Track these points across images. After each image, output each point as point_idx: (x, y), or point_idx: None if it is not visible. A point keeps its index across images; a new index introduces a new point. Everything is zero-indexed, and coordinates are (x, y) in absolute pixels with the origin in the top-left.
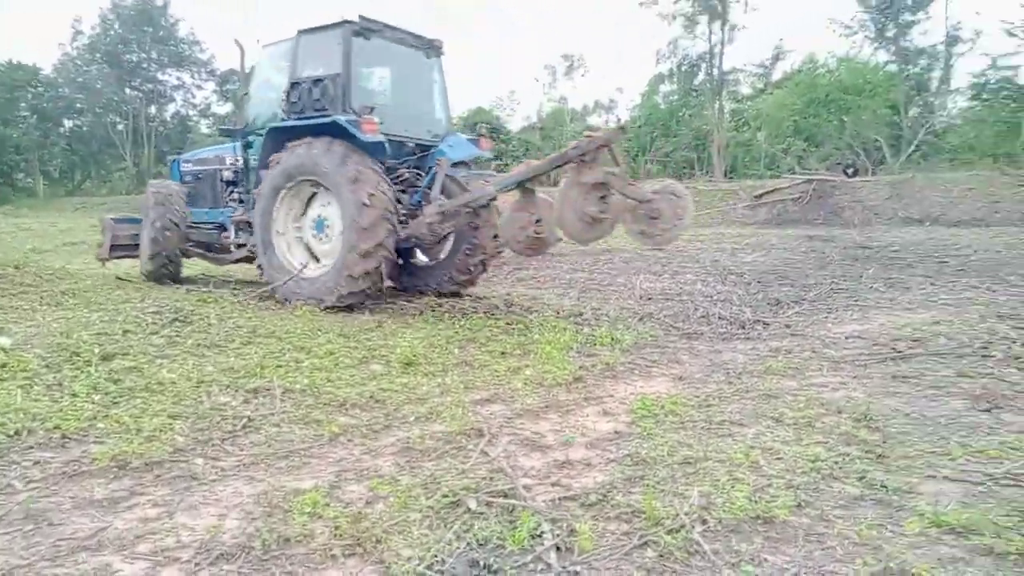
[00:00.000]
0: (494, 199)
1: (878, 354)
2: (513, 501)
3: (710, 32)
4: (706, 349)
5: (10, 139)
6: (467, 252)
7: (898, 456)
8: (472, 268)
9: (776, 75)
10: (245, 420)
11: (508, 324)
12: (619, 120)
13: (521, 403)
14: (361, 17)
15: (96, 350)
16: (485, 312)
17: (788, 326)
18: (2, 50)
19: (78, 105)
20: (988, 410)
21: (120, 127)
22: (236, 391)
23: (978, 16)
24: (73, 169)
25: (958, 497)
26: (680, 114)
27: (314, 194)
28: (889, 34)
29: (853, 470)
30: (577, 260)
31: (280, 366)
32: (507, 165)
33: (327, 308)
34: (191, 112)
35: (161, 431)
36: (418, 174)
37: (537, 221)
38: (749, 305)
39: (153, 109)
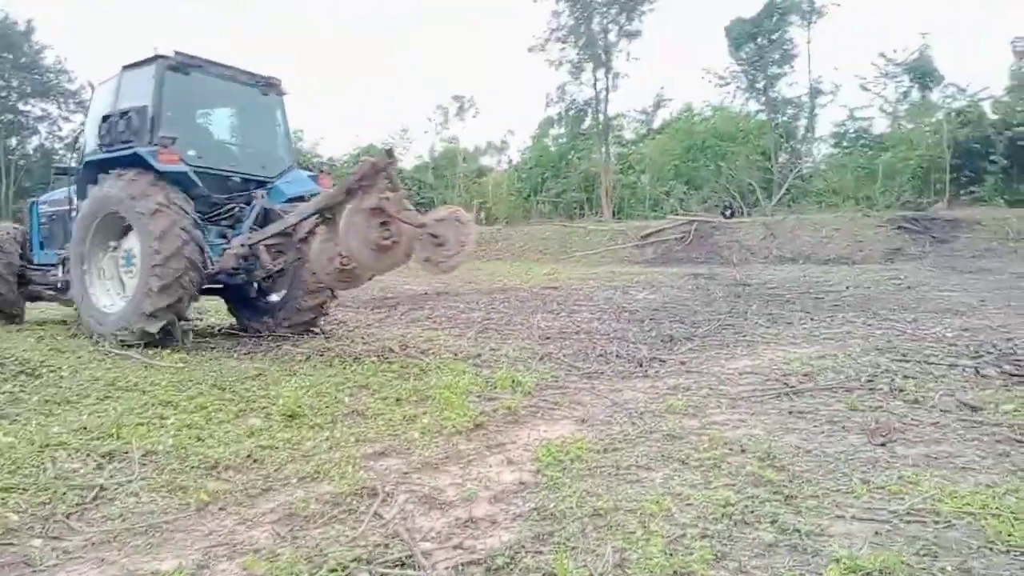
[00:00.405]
0: (310, 232)
1: (771, 389)
2: (411, 572)
3: (595, 79)
4: (607, 388)
5: None
6: (301, 288)
7: (806, 496)
8: (310, 304)
9: (657, 122)
10: (96, 490)
11: (403, 367)
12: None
13: (419, 455)
14: (177, 52)
15: None
16: (378, 355)
17: (683, 363)
18: None
19: None
20: (883, 444)
21: None
22: (87, 455)
23: (836, 71)
24: None
25: (868, 537)
26: (569, 156)
27: (129, 227)
28: (759, 85)
29: (764, 514)
30: (473, 299)
31: (141, 424)
32: None
33: (127, 344)
34: (57, 145)
35: None
36: (243, 209)
37: (342, 253)
38: (644, 343)
39: (14, 141)
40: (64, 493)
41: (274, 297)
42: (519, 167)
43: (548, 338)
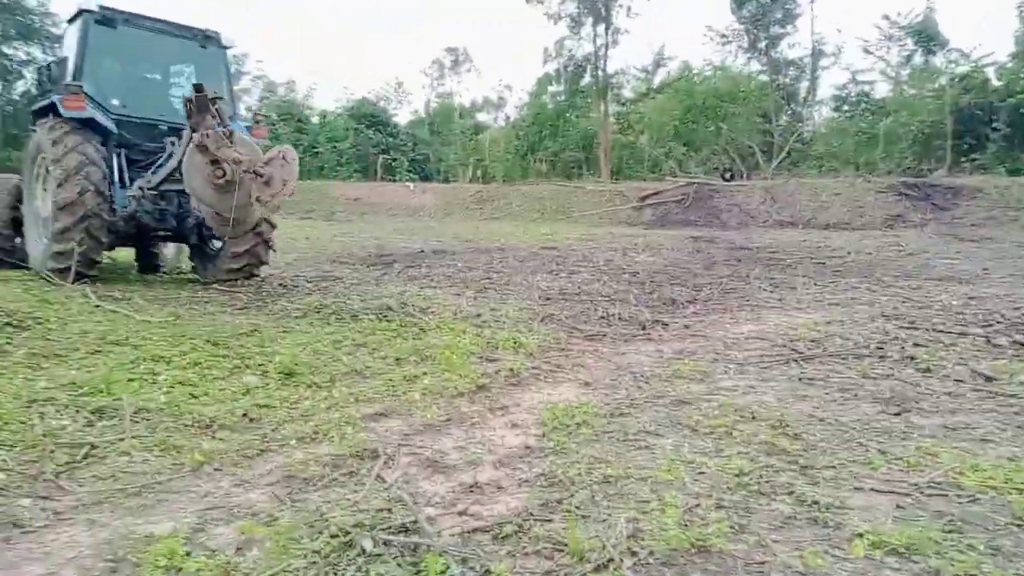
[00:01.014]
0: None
1: (779, 355)
2: (416, 539)
3: (595, 34)
4: (610, 352)
5: None
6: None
7: (822, 466)
8: (238, 250)
9: (657, 80)
10: (87, 448)
11: (402, 326)
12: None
13: (420, 417)
14: (102, 7)
15: None
16: (376, 313)
17: (687, 327)
18: None
19: None
20: (898, 413)
21: None
22: (77, 412)
23: (839, 33)
24: None
25: (890, 512)
26: (567, 114)
27: None
28: (760, 45)
29: (781, 484)
30: (471, 258)
31: (133, 380)
32: (395, 160)
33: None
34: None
35: None
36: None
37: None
38: (647, 305)
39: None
40: (53, 451)
41: (216, 244)
42: (516, 124)
43: (549, 299)
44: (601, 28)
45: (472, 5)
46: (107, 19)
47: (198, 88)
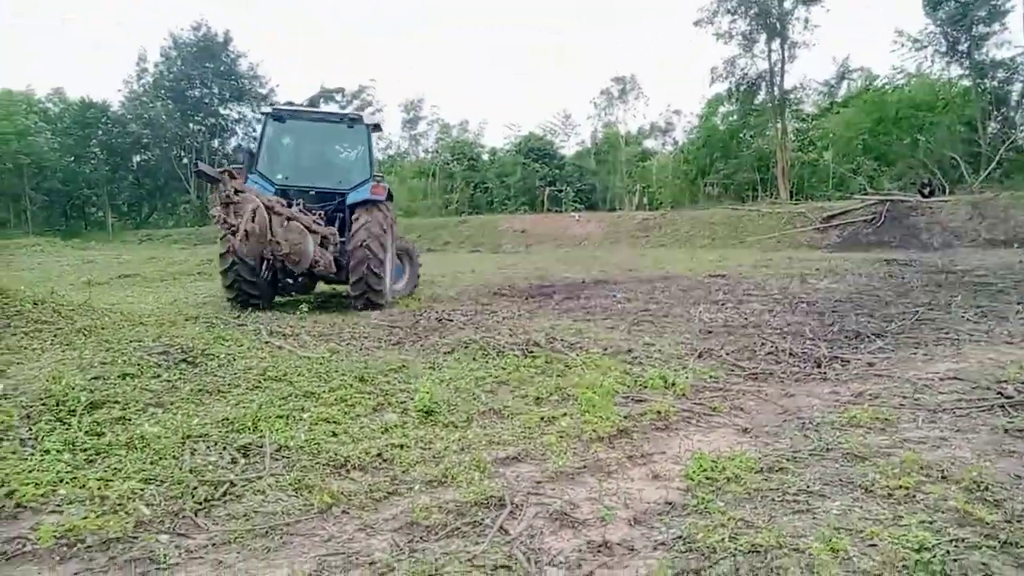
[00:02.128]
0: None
1: (983, 400)
2: None
3: (769, 51)
4: (776, 393)
5: (82, 175)
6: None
7: None
8: (356, 281)
9: (841, 93)
10: (226, 486)
11: (547, 363)
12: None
13: (553, 463)
14: (274, 107)
15: (83, 398)
16: (523, 349)
17: (871, 364)
18: (75, 88)
19: (144, 140)
20: None
21: (184, 161)
22: (224, 448)
23: None
24: (140, 203)
25: None
26: (741, 135)
27: None
28: (962, 47)
29: (973, 565)
30: (631, 288)
31: (281, 416)
32: (560, 191)
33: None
34: (252, 145)
35: (128, 499)
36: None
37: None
38: (824, 339)
39: (216, 143)
40: (195, 488)
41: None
42: (685, 148)
43: (710, 332)
44: (776, 44)
45: (637, 31)
46: (279, 115)
47: (197, 172)
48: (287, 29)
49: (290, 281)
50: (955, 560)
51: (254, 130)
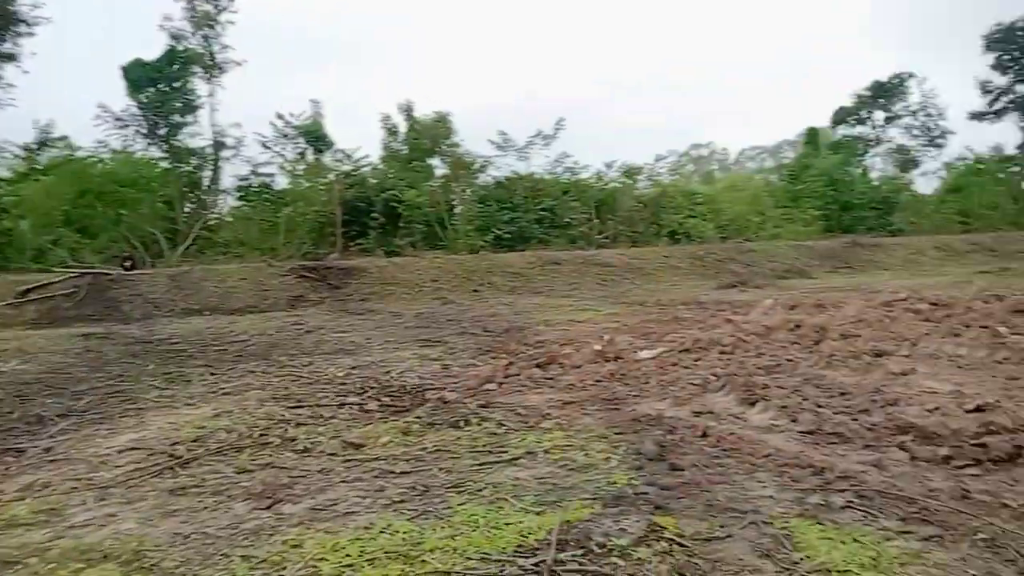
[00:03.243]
0: None
1: (155, 465)
2: None
3: None
4: None
5: None
6: None
7: None
8: None
9: (44, 159)
10: None
11: None
12: None
13: None
14: None
15: None
16: None
17: (48, 450)
18: None
19: None
20: (270, 506)
21: None
22: None
23: (240, 127)
24: None
25: None
26: None
27: None
28: (161, 132)
29: None
30: None
31: None
32: None
33: None
34: None
35: None
36: None
37: None
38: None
39: None
40: None
41: None
42: None
43: None
44: None
45: None
46: None
47: None
48: None
49: None
50: None
51: None
